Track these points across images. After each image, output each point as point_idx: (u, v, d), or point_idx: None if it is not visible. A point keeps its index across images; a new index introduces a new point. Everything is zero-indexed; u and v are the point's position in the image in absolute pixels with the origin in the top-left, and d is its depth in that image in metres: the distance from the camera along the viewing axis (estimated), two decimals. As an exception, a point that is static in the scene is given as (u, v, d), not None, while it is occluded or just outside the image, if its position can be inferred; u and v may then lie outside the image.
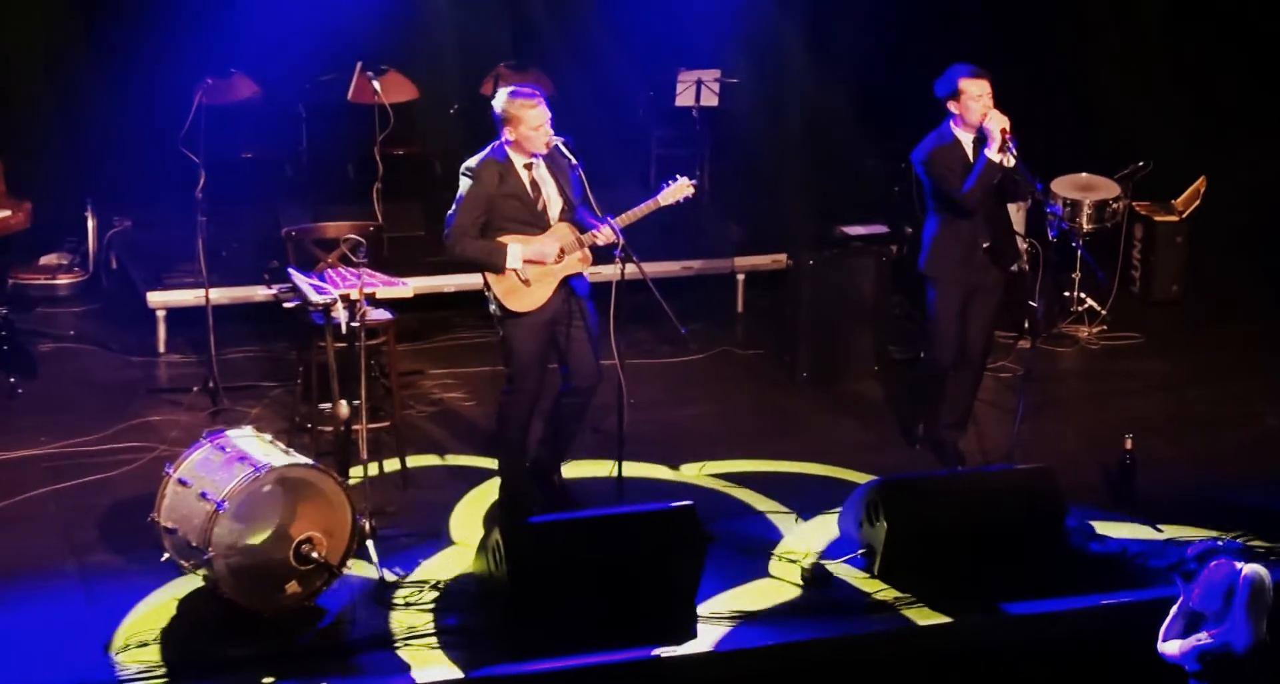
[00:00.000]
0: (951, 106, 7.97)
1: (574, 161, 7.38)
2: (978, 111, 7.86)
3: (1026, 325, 9.99)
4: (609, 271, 7.39)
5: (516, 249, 7.37)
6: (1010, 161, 7.81)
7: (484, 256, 7.41)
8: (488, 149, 7.48)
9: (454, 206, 7.43)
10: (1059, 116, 12.06)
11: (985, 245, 8.10)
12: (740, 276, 10.75)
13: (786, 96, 12.34)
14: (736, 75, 11.62)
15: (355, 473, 7.49)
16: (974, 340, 8.26)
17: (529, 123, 7.33)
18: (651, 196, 7.56)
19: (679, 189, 7.61)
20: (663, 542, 6.95)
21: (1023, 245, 10.15)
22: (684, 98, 11.54)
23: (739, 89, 11.68)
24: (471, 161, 7.45)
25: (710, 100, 11.54)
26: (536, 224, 7.45)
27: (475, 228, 7.41)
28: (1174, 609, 6.13)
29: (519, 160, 7.44)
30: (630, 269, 7.32)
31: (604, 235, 7.42)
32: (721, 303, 10.74)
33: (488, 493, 8.04)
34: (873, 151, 11.48)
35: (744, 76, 11.71)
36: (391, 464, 8.15)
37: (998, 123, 7.78)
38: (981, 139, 7.93)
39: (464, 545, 7.52)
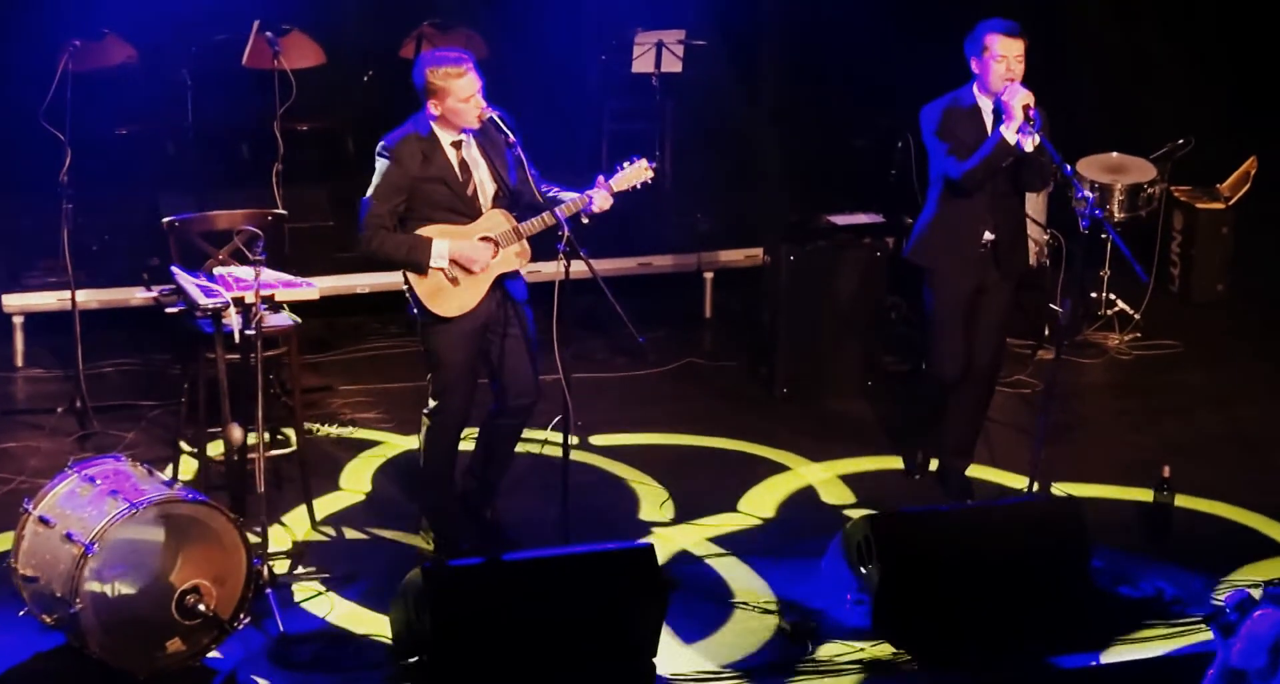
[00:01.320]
0: (974, 65, 7.99)
1: (511, 138, 7.39)
2: (1000, 75, 7.87)
3: (1047, 332, 10.07)
4: (551, 270, 7.39)
5: (443, 246, 7.39)
6: (1031, 144, 7.83)
7: (403, 254, 7.43)
8: (409, 123, 7.50)
9: (369, 192, 7.45)
10: (1085, 85, 12.14)
11: (988, 238, 8.14)
12: (708, 275, 10.80)
13: (763, 62, 12.37)
14: (704, 36, 11.64)
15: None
16: (980, 349, 8.30)
17: (457, 93, 7.35)
18: (600, 183, 7.57)
19: (635, 173, 7.64)
20: (617, 588, 6.97)
21: (1044, 237, 10.26)
22: (642, 63, 11.55)
23: (707, 53, 11.69)
24: (389, 138, 7.47)
25: (673, 66, 11.55)
26: (466, 213, 7.47)
27: (394, 217, 7.43)
28: (1212, 668, 6.16)
29: (446, 137, 7.46)
30: (577, 266, 7.32)
31: (545, 224, 7.43)
32: (686, 306, 10.79)
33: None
34: (865, 128, 11.52)
35: (713, 38, 11.72)
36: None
37: (1020, 98, 7.76)
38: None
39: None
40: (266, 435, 7.83)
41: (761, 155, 12.15)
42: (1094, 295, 10.62)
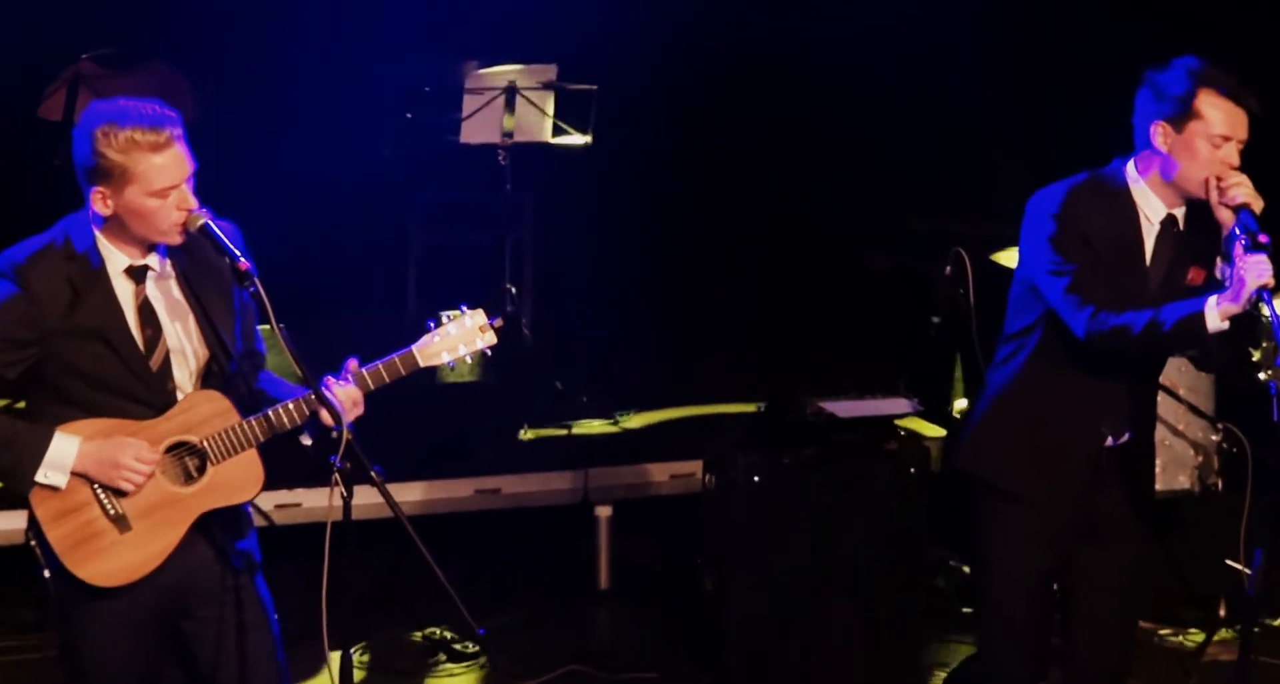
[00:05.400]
0: (1159, 135, 7.84)
1: (243, 265, 7.19)
2: (1210, 162, 7.74)
3: (1222, 611, 10.14)
4: (318, 502, 7.24)
5: (69, 446, 7.14)
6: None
7: None
8: (55, 230, 7.31)
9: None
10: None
11: (1116, 441, 8.06)
12: (603, 511, 10.86)
13: (704, 120, 12.47)
14: (592, 76, 11.75)
15: None
16: (1093, 641, 8.25)
17: (147, 180, 7.16)
18: (405, 348, 7.45)
19: (463, 335, 7.56)
20: None
21: (1212, 437, 10.24)
22: (478, 126, 11.60)
23: (598, 105, 11.76)
24: (12, 252, 7.28)
25: (535, 132, 11.61)
26: (143, 398, 7.29)
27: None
28: None
29: (118, 260, 7.28)
30: (365, 496, 7.13)
31: (304, 413, 7.25)
32: (564, 566, 10.88)
33: None
34: (886, 238, 11.58)
35: (609, 78, 11.87)
36: None
37: (1265, 274, 7.58)
38: (1196, 211, 7.85)
39: None
40: None
41: (698, 289, 12.23)
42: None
